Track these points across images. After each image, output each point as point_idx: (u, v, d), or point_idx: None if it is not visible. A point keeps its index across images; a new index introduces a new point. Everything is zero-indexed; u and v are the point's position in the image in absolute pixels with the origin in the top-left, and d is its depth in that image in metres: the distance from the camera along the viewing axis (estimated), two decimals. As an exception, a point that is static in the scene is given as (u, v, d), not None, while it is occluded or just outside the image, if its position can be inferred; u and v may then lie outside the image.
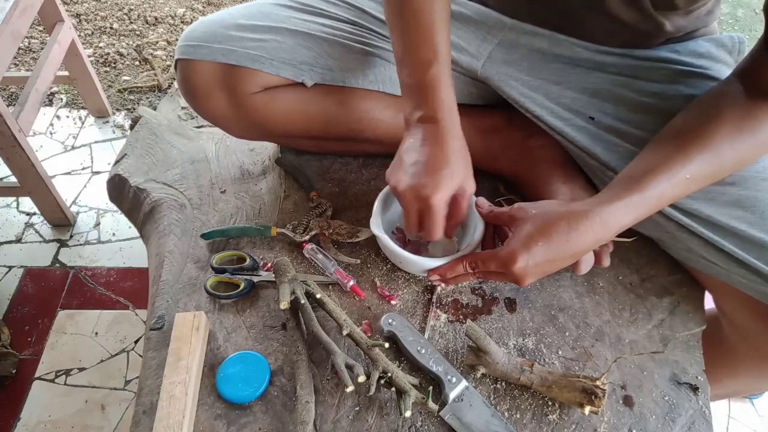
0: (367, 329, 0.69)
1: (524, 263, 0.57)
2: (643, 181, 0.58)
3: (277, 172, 0.88)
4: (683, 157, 0.58)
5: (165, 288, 0.74)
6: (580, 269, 0.64)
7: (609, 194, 0.59)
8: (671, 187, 0.58)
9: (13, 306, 1.27)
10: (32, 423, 1.10)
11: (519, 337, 0.69)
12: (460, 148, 0.64)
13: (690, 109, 0.63)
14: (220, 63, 0.73)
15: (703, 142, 0.58)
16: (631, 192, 0.57)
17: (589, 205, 0.58)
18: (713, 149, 0.58)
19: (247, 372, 0.65)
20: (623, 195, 0.58)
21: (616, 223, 0.58)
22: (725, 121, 0.59)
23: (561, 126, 0.73)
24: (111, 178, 0.92)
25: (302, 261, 0.76)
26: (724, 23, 2.18)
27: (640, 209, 0.58)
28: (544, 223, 0.58)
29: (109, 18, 2.01)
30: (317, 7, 0.78)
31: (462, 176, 0.63)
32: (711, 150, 0.58)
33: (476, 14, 0.79)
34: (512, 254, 0.58)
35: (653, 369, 0.67)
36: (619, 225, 0.58)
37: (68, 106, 1.74)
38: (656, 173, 0.58)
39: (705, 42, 0.74)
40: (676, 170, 0.58)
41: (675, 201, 0.61)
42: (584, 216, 0.57)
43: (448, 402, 0.62)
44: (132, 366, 1.18)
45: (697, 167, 0.58)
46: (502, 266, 0.59)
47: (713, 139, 0.58)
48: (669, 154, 0.59)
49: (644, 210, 0.58)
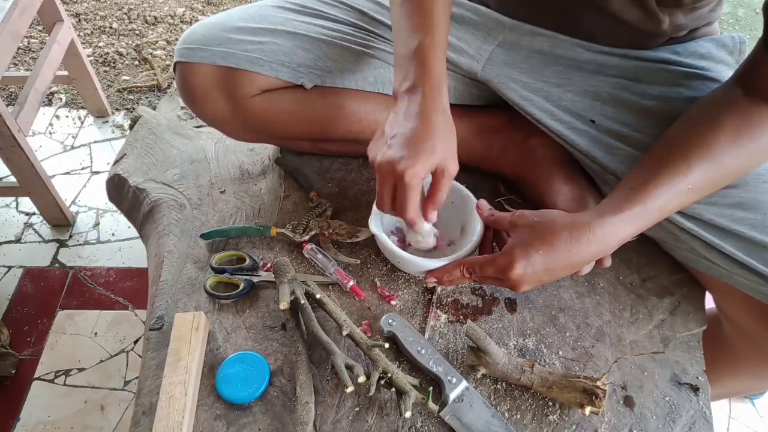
0: (367, 329, 0.69)
1: (522, 270, 0.57)
2: (645, 193, 0.57)
3: (277, 172, 0.88)
4: (684, 167, 0.58)
5: (164, 288, 0.74)
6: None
7: (610, 206, 0.58)
8: (673, 197, 0.58)
9: (13, 306, 1.27)
10: (31, 423, 1.10)
11: (519, 338, 0.69)
12: (443, 122, 0.61)
13: (689, 115, 0.63)
14: (219, 66, 0.73)
15: (703, 152, 0.58)
16: (633, 204, 0.57)
17: (591, 217, 0.57)
18: (714, 158, 0.58)
19: (247, 372, 0.65)
20: (624, 207, 0.57)
21: (617, 236, 0.58)
22: (725, 128, 0.58)
23: (561, 129, 0.73)
24: (110, 178, 0.92)
25: (302, 261, 0.76)
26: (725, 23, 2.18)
27: (641, 221, 0.58)
28: (546, 232, 0.57)
29: (108, 18, 2.01)
30: (316, 9, 0.78)
31: (443, 153, 0.60)
32: (712, 159, 0.58)
33: (476, 15, 0.78)
34: (511, 260, 0.57)
35: (654, 369, 0.67)
36: (621, 238, 0.58)
37: (67, 106, 1.74)
38: (657, 184, 0.57)
39: (706, 42, 0.74)
40: (678, 181, 0.57)
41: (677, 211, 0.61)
42: (586, 228, 0.57)
43: (449, 402, 0.62)
44: (131, 366, 1.18)
45: (698, 177, 0.58)
46: (500, 272, 0.58)
47: (714, 148, 0.58)
48: (670, 164, 0.58)
49: (646, 222, 0.58)
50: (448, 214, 0.73)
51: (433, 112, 0.60)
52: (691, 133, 0.60)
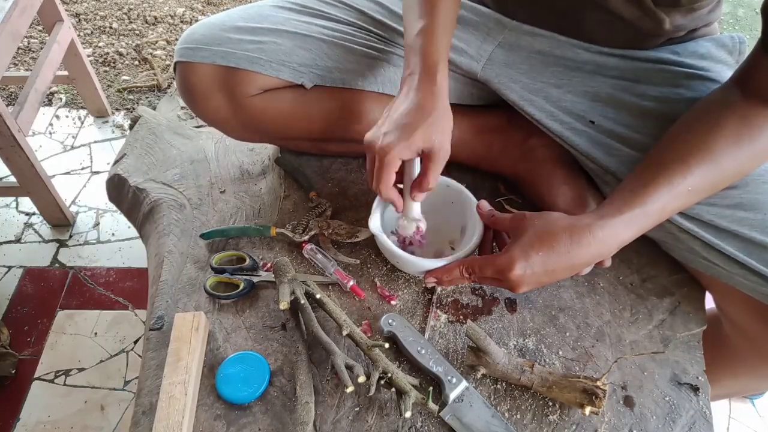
0: (367, 329, 0.69)
1: (521, 271, 0.57)
2: (644, 195, 0.57)
3: (277, 172, 0.88)
4: (684, 169, 0.58)
5: (164, 288, 0.74)
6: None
7: (610, 208, 0.58)
8: (672, 200, 0.58)
9: (13, 306, 1.27)
10: (31, 423, 1.10)
11: (519, 338, 0.69)
12: (436, 106, 0.61)
13: (688, 117, 0.63)
14: (219, 65, 0.73)
15: (702, 154, 0.58)
16: (633, 206, 0.57)
17: (591, 219, 0.58)
18: (713, 160, 0.58)
19: (247, 372, 0.65)
20: (624, 209, 0.57)
21: (617, 238, 0.58)
22: (724, 130, 0.58)
23: (561, 130, 0.73)
24: (110, 178, 0.92)
25: (302, 261, 0.76)
26: (725, 23, 2.18)
27: (641, 224, 0.58)
28: (546, 233, 0.58)
29: (108, 17, 2.01)
30: (316, 8, 0.78)
31: (432, 135, 0.60)
32: (711, 161, 0.58)
33: (476, 16, 0.78)
34: (510, 261, 0.57)
35: (654, 369, 0.67)
36: (621, 240, 0.58)
37: (67, 106, 1.74)
38: (657, 187, 0.57)
39: (705, 42, 0.74)
40: (677, 183, 0.57)
41: (677, 212, 0.61)
42: (587, 230, 0.57)
43: (449, 402, 0.62)
44: (131, 366, 1.18)
45: (698, 179, 0.58)
46: (499, 273, 0.58)
47: (713, 150, 0.58)
48: (669, 167, 0.58)
49: (646, 224, 0.58)
50: (448, 214, 0.73)
51: (426, 96, 0.61)
52: (690, 135, 0.60)
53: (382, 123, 0.62)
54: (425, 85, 0.62)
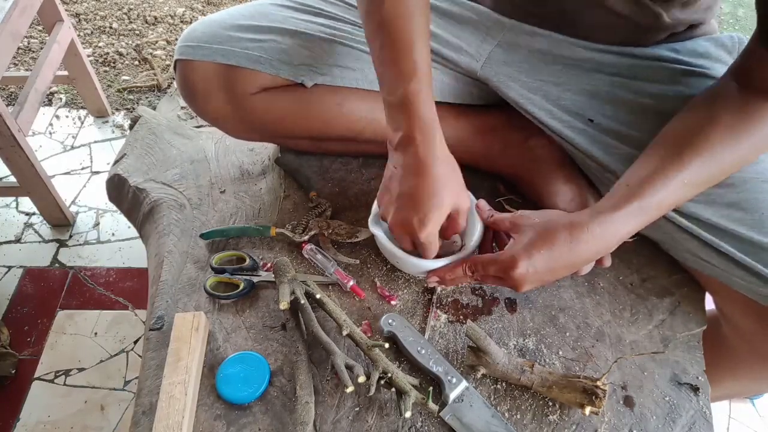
0: (367, 329, 0.69)
1: (524, 269, 0.57)
2: (641, 190, 0.57)
3: (277, 172, 0.88)
4: (679, 162, 0.58)
5: (164, 288, 0.74)
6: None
7: (608, 204, 0.58)
8: (669, 193, 0.58)
9: (13, 306, 1.27)
10: (31, 423, 1.10)
11: (519, 338, 0.69)
12: (444, 171, 0.62)
13: (685, 112, 0.63)
14: (220, 63, 0.73)
15: (699, 146, 0.58)
16: (630, 201, 0.57)
17: (589, 216, 0.58)
18: (710, 152, 0.58)
19: (247, 372, 0.65)
20: (622, 205, 0.57)
21: (616, 234, 0.58)
22: (720, 122, 0.58)
23: (560, 128, 0.73)
24: (110, 178, 0.92)
25: (302, 261, 0.76)
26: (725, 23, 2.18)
27: (640, 218, 0.58)
28: (547, 231, 0.58)
29: (108, 17, 2.01)
30: (316, 7, 0.78)
31: (452, 199, 0.62)
32: (707, 153, 0.58)
33: (475, 15, 0.78)
34: (513, 259, 0.57)
35: (654, 369, 0.67)
36: (620, 236, 0.58)
37: (67, 106, 1.74)
38: (653, 181, 0.58)
39: (704, 41, 0.74)
40: (673, 176, 0.57)
41: (675, 206, 0.61)
42: (585, 227, 0.57)
43: (449, 402, 0.62)
44: (131, 366, 1.18)
45: (694, 172, 0.58)
46: (502, 271, 0.59)
47: (709, 142, 0.58)
48: (665, 161, 0.58)
49: (644, 218, 0.58)
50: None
51: (431, 162, 0.61)
52: (686, 128, 0.61)
53: (401, 204, 0.62)
54: (427, 151, 0.61)
